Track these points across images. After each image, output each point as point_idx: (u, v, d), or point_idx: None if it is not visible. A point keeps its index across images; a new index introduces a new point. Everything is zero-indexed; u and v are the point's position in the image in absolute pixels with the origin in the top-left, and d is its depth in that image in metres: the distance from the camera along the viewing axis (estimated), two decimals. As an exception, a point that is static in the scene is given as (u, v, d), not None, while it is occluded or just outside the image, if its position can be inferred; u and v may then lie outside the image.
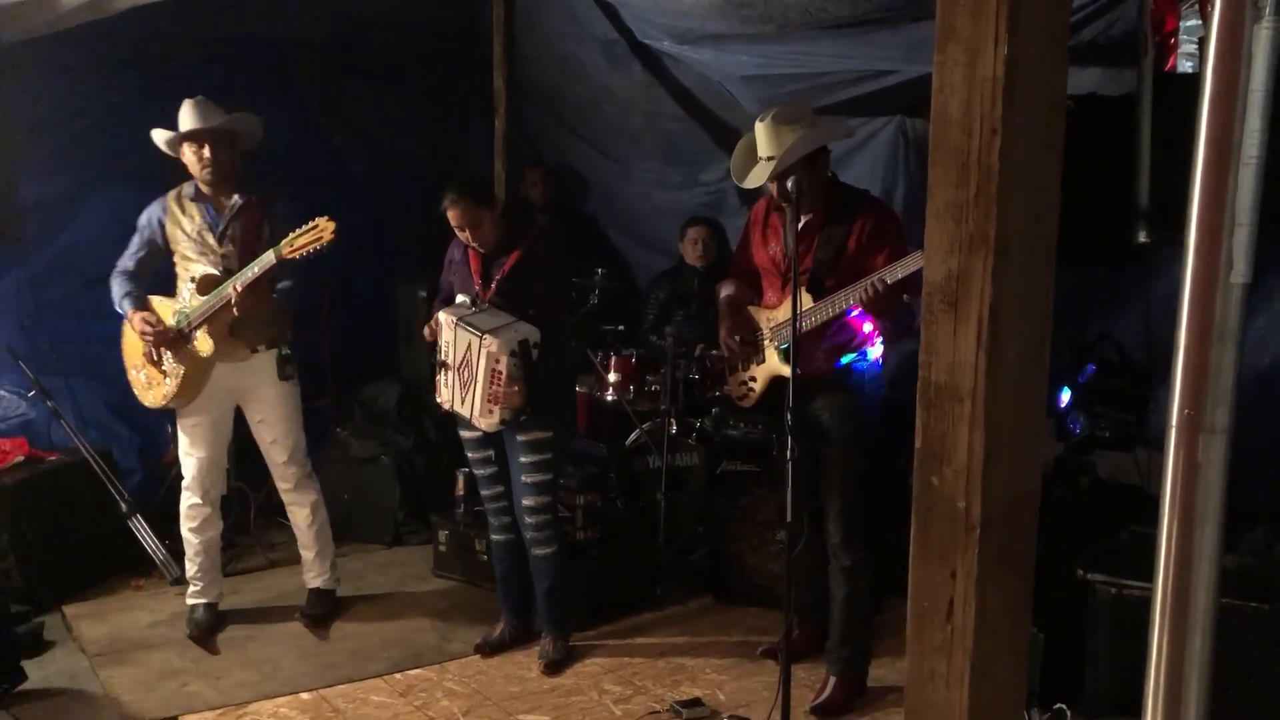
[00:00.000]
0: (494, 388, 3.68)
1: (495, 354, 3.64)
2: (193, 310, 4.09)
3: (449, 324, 3.87)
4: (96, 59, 5.23)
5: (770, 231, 3.72)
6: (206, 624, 4.31)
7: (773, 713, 3.14)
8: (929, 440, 2.00)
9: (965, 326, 1.92)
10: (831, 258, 3.53)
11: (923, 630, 2.06)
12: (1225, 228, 1.46)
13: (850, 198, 3.62)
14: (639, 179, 6.19)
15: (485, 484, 4.13)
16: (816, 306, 3.48)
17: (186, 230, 4.18)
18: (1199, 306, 1.49)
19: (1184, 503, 1.53)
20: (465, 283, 4.00)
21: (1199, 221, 1.49)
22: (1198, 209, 1.49)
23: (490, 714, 3.65)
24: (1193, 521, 1.53)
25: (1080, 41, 3.94)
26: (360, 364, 5.99)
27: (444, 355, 3.92)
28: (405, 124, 6.41)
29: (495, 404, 3.70)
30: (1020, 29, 1.82)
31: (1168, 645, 1.56)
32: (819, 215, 3.57)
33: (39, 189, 5.13)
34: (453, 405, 3.93)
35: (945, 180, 1.93)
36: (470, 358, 3.76)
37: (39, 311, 5.16)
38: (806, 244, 3.54)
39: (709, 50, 4.83)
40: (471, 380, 3.77)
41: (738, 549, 4.57)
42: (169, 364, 4.17)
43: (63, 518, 4.68)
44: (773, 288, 3.72)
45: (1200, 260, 1.49)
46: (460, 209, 3.85)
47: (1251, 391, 3.98)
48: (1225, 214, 1.46)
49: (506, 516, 4.10)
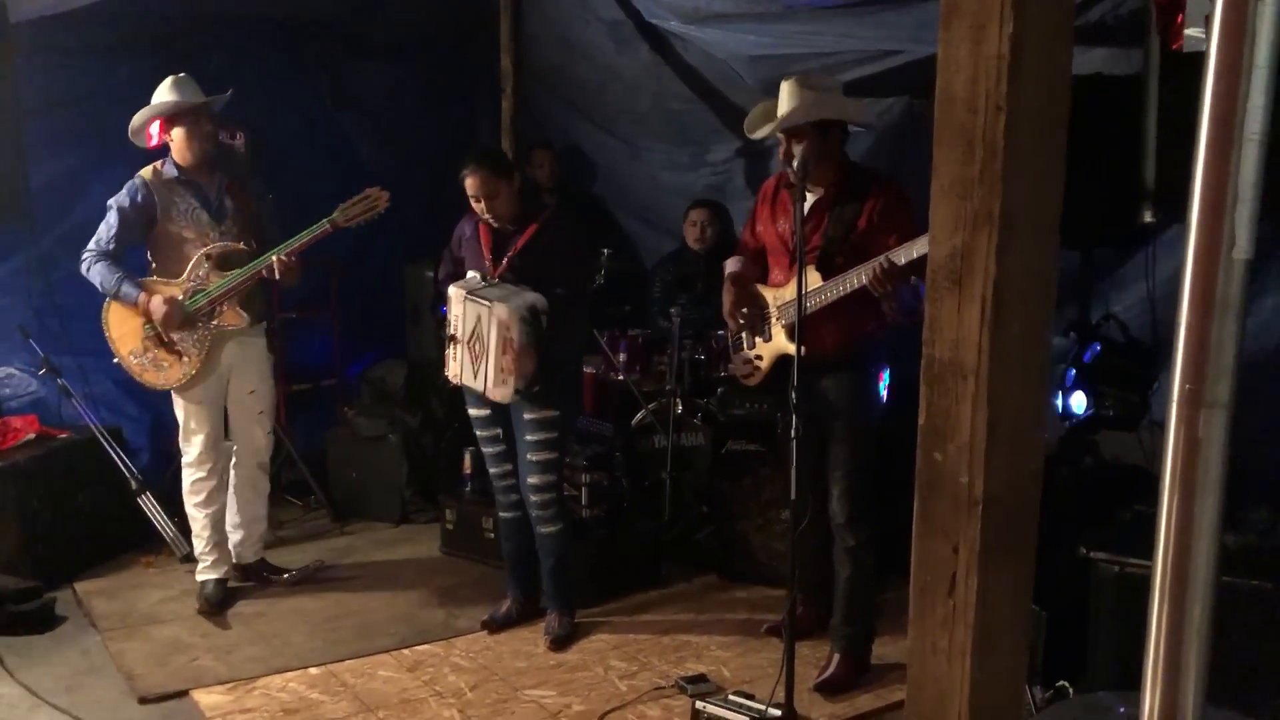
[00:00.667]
0: (507, 356, 3.68)
1: (505, 321, 3.64)
2: (215, 287, 4.13)
3: (458, 298, 3.87)
4: (105, 39, 5.24)
5: (779, 209, 3.72)
6: (217, 599, 4.35)
7: (776, 688, 3.16)
8: (932, 417, 2.02)
9: (969, 304, 1.94)
10: (841, 235, 3.52)
11: (925, 605, 2.08)
12: (1228, 203, 1.47)
13: (863, 177, 3.62)
14: (646, 160, 6.18)
15: (493, 462, 4.15)
16: (825, 285, 3.48)
17: (181, 210, 4.18)
18: (1201, 281, 1.50)
19: (1184, 477, 1.54)
20: (475, 258, 3.99)
21: (1201, 197, 1.49)
22: (1200, 185, 1.50)
23: (497, 689, 3.68)
24: (1193, 496, 1.55)
25: (1089, 21, 3.93)
26: (368, 344, 6.02)
27: (453, 329, 3.92)
28: (413, 104, 6.41)
29: (509, 374, 3.69)
30: (1026, 6, 1.83)
31: (1167, 619, 1.57)
32: (829, 193, 3.56)
33: (48, 169, 5.14)
34: (462, 379, 3.93)
35: (950, 158, 1.95)
36: (481, 330, 3.76)
37: (49, 291, 5.18)
38: (816, 221, 3.54)
39: (715, 30, 4.82)
40: (484, 352, 3.77)
41: (742, 528, 4.59)
42: (186, 343, 4.18)
43: (73, 495, 4.73)
44: (780, 265, 3.72)
45: (1202, 235, 1.50)
46: (479, 177, 3.83)
47: (1261, 371, 4.00)
48: (1228, 190, 1.47)
49: (514, 494, 4.12)
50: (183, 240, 4.18)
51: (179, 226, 4.18)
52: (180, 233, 4.18)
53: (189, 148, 4.16)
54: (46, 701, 3.58)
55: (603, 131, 6.23)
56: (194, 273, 4.17)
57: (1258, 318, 3.99)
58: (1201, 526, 1.56)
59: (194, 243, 4.18)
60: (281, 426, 5.56)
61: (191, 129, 4.14)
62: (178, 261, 4.19)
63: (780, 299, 3.69)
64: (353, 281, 6.04)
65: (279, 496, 5.61)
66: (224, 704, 3.58)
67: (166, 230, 4.18)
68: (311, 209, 4.53)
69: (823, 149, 3.48)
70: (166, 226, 4.18)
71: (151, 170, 4.20)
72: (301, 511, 5.59)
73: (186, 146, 4.16)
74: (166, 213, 4.17)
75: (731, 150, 5.78)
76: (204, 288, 4.15)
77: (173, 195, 4.18)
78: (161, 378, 4.24)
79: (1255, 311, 3.99)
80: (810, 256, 3.48)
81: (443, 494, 5.12)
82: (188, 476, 4.38)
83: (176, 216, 4.18)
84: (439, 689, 3.68)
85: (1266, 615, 2.90)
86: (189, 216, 4.19)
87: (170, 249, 4.20)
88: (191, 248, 4.17)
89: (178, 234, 4.18)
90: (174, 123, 4.17)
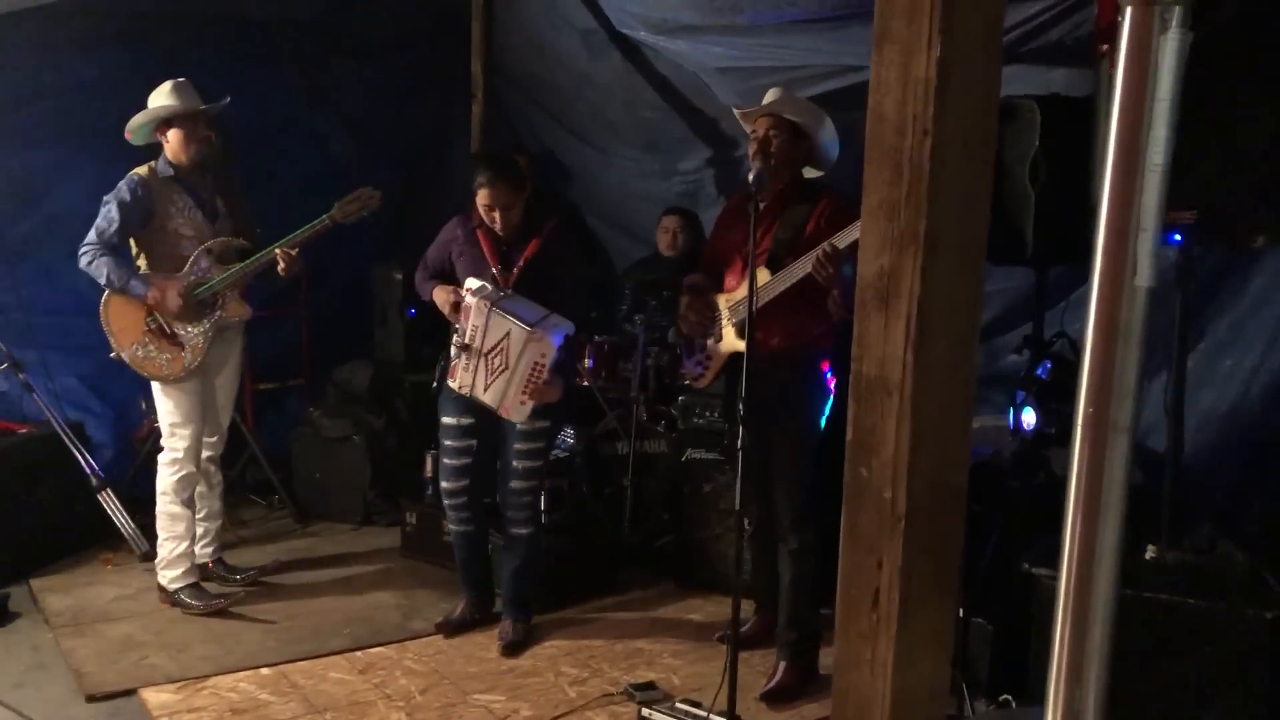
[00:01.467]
0: (534, 383, 3.69)
1: (544, 350, 3.65)
2: (218, 280, 4.22)
3: (480, 308, 3.78)
4: (79, 34, 5.25)
5: (736, 221, 3.79)
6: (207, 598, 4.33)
7: (718, 696, 3.19)
8: (859, 432, 2.06)
9: (895, 322, 1.97)
10: (790, 238, 3.62)
11: (850, 617, 2.11)
12: (1131, 231, 1.51)
13: (812, 185, 3.75)
14: (618, 167, 6.22)
15: (453, 475, 4.07)
16: (774, 280, 3.56)
17: (179, 207, 4.24)
18: (1105, 307, 1.54)
19: (1087, 498, 1.58)
20: (477, 266, 3.93)
21: (1107, 225, 1.53)
22: (1106, 213, 1.53)
23: (447, 693, 3.70)
24: (1096, 516, 1.58)
25: (1048, 41, 3.98)
26: (335, 344, 6.02)
27: (469, 339, 3.82)
28: (386, 105, 6.42)
29: (531, 397, 3.72)
30: (953, 32, 1.86)
31: (1070, 636, 1.61)
32: (779, 199, 3.68)
33: (18, 162, 5.15)
34: (473, 391, 3.85)
35: (879, 179, 1.98)
36: (506, 347, 3.72)
37: (13, 285, 5.18)
38: (766, 225, 3.63)
39: (683, 41, 4.85)
40: (505, 370, 3.73)
41: (700, 536, 4.62)
42: (190, 334, 4.22)
43: (32, 491, 4.71)
44: (733, 272, 3.81)
45: (1107, 262, 1.53)
46: (499, 190, 3.82)
47: (1215, 395, 4.05)
48: (1131, 219, 1.50)
49: (466, 511, 4.11)
50: (180, 237, 4.24)
51: (176, 224, 4.23)
52: (178, 230, 4.23)
53: (184, 150, 4.22)
54: (-7, 697, 3.58)
55: (575, 138, 6.26)
56: (195, 266, 4.22)
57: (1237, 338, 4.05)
58: (1103, 546, 1.59)
59: (191, 240, 4.24)
60: (247, 425, 5.57)
61: (188, 133, 4.21)
62: (172, 258, 4.23)
63: (731, 300, 3.78)
64: (322, 282, 6.04)
65: (242, 495, 5.64)
66: (172, 703, 3.58)
67: (163, 227, 4.22)
68: (283, 208, 4.57)
69: (790, 152, 3.64)
70: (164, 224, 4.22)
71: (147, 169, 4.24)
72: (265, 511, 5.59)
73: (182, 149, 4.22)
74: (164, 210, 4.21)
75: (702, 159, 5.82)
76: (206, 280, 4.22)
77: (169, 193, 4.23)
78: (163, 369, 4.25)
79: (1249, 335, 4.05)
80: (760, 258, 3.55)
81: (404, 497, 5.13)
82: (172, 473, 4.31)
83: (174, 214, 4.23)
84: (389, 692, 3.69)
85: (1204, 633, 2.93)
86: (185, 214, 4.25)
87: (165, 246, 4.24)
88: (189, 245, 4.23)
89: (174, 231, 4.23)
90: (170, 125, 4.22)
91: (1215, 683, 2.88)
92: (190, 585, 4.35)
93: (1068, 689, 1.62)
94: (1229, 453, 4.00)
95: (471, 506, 4.11)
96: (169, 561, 4.34)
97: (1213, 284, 3.95)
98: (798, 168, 3.74)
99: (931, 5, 1.84)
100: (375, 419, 5.54)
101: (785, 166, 3.66)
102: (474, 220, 3.99)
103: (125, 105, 4.30)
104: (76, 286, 4.56)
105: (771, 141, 3.62)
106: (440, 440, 4.13)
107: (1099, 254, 1.55)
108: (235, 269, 4.24)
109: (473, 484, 4.08)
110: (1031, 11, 3.86)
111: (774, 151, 3.61)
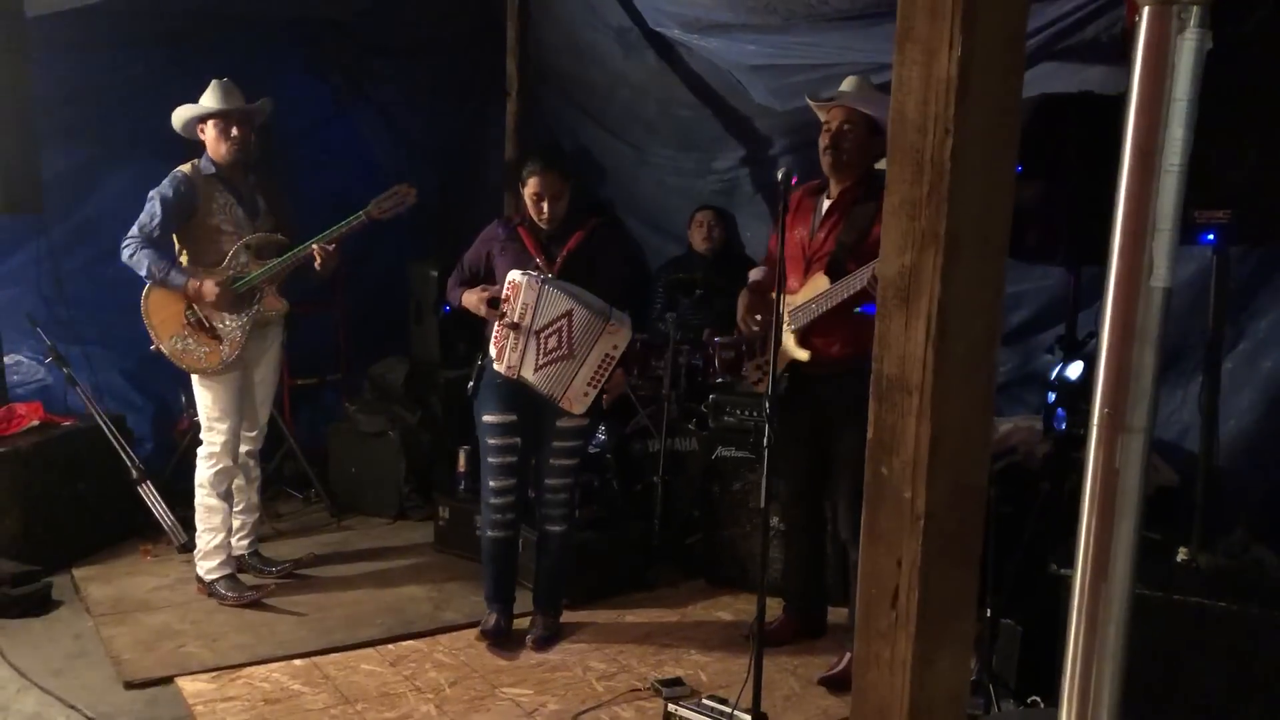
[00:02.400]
0: (603, 374, 3.67)
1: (618, 343, 3.63)
2: (256, 274, 4.30)
3: (531, 285, 3.70)
4: (120, 34, 5.35)
5: (801, 215, 3.73)
6: (242, 589, 4.40)
7: (743, 691, 3.20)
8: (880, 431, 2.06)
9: (915, 321, 1.97)
10: (855, 240, 3.54)
11: (869, 617, 2.12)
12: (1147, 232, 1.50)
13: (880, 183, 3.66)
14: (653, 165, 6.23)
15: (498, 474, 3.95)
16: (832, 289, 3.50)
17: (220, 204, 4.33)
18: (1121, 309, 1.53)
19: (1103, 500, 1.57)
20: (519, 259, 3.90)
21: (1123, 226, 1.52)
22: (1122, 213, 1.53)
23: (475, 685, 3.74)
24: (1111, 518, 1.57)
25: (1083, 39, 3.95)
26: (371, 341, 6.09)
27: (519, 317, 3.73)
28: (425, 105, 6.49)
29: (596, 389, 3.70)
30: (976, 31, 1.86)
31: (1083, 639, 1.60)
32: (848, 194, 3.59)
33: (61, 161, 5.25)
34: (520, 371, 3.77)
35: (901, 178, 1.98)
36: (565, 328, 3.66)
37: (58, 281, 5.30)
38: (831, 224, 3.57)
39: (716, 39, 4.86)
40: (568, 358, 3.68)
41: (731, 534, 4.63)
42: (228, 327, 4.30)
43: (74, 482, 4.82)
44: (795, 272, 3.70)
45: (1123, 263, 1.52)
46: (549, 178, 3.83)
47: (1254, 397, 3.99)
48: (1148, 219, 1.50)
49: (510, 514, 4.02)
50: (220, 233, 4.33)
51: (217, 220, 4.33)
52: (219, 225, 4.32)
53: (219, 147, 4.32)
54: (35, 684, 3.66)
55: (610, 135, 6.28)
56: (234, 260, 4.31)
57: (1253, 340, 3.99)
58: (1118, 548, 1.58)
59: (231, 235, 4.33)
60: (284, 420, 5.65)
61: (221, 130, 4.30)
62: (212, 253, 4.32)
63: (792, 305, 3.69)
64: (359, 279, 6.11)
65: (279, 489, 5.72)
66: (207, 691, 3.64)
67: (204, 223, 4.31)
68: (322, 206, 4.63)
69: (867, 145, 3.55)
70: (205, 220, 4.31)
71: (190, 166, 4.34)
72: (301, 504, 5.67)
73: (216, 146, 4.33)
74: (206, 206, 4.31)
75: (737, 158, 5.82)
76: (244, 274, 4.31)
77: (211, 190, 4.33)
78: (202, 362, 4.33)
79: (1252, 333, 4.00)
80: (821, 261, 3.51)
81: (438, 492, 5.18)
82: (209, 466, 4.39)
83: (216, 210, 4.32)
84: (419, 684, 3.74)
85: (1234, 637, 2.90)
86: (226, 211, 4.34)
87: (206, 241, 4.32)
88: (228, 240, 4.32)
89: (215, 227, 4.32)
90: (206, 121, 4.33)
91: (1245, 686, 2.85)
92: (226, 576, 4.42)
93: (1081, 690, 1.61)
94: (1266, 455, 3.94)
95: (516, 508, 4.03)
96: (206, 553, 4.42)
97: (1252, 285, 3.90)
98: (871, 162, 3.63)
99: (953, 4, 1.84)
100: (410, 415, 5.61)
101: (856, 163, 3.56)
102: (515, 218, 4.01)
103: (166, 105, 4.40)
104: (118, 283, 4.65)
105: (846, 135, 3.52)
106: (482, 440, 4.00)
107: (1115, 255, 1.54)
108: (273, 264, 4.32)
109: (519, 483, 4.01)
110: (1066, 9, 3.83)
111: (847, 147, 3.50)
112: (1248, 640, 2.84)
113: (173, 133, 4.39)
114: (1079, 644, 1.62)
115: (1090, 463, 1.60)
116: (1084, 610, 1.61)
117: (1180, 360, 3.87)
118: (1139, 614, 1.63)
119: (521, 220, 4.00)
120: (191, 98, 4.35)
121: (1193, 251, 3.38)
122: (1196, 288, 3.62)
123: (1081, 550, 1.62)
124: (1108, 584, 1.59)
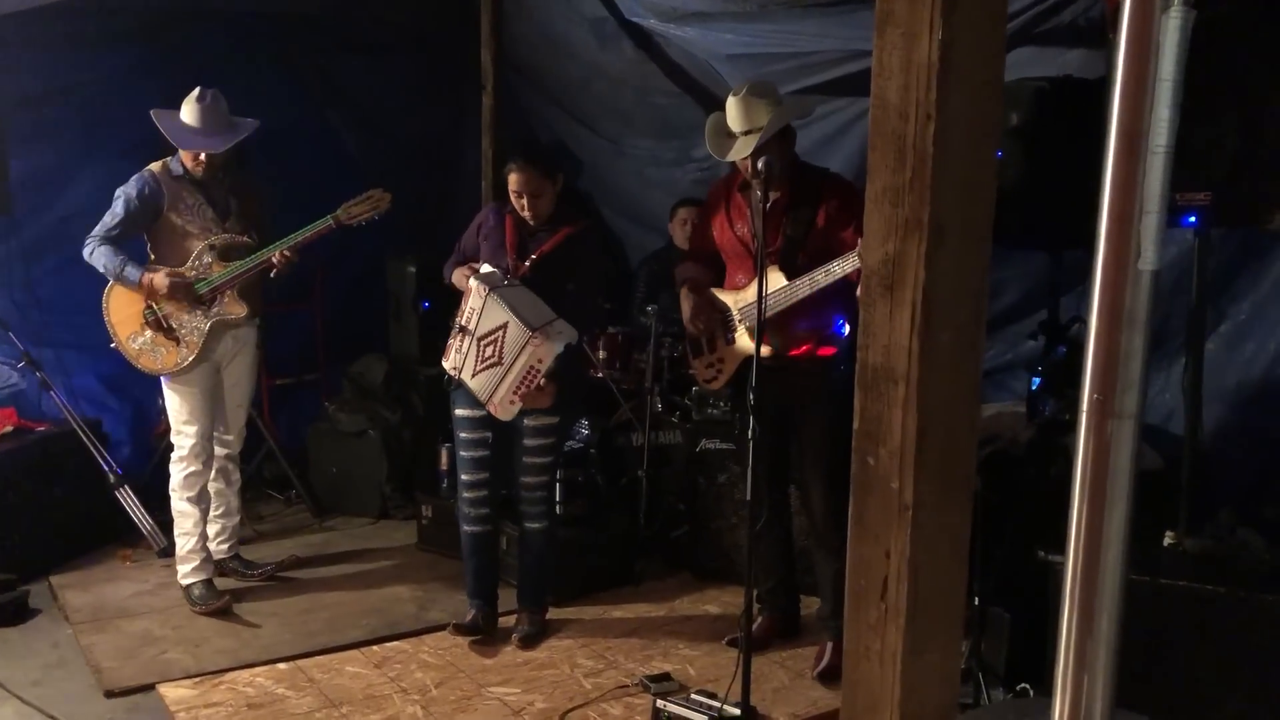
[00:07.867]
0: (526, 386, 3.66)
1: (542, 356, 3.62)
2: (217, 277, 4.22)
3: (479, 292, 3.73)
4: (90, 33, 5.25)
5: (736, 212, 3.73)
6: (213, 597, 4.32)
7: (732, 686, 3.18)
8: (866, 421, 2.04)
9: (900, 310, 1.95)
10: (801, 235, 3.56)
11: (859, 608, 2.10)
12: (1135, 215, 1.48)
13: (814, 176, 3.69)
14: (631, 157, 6.18)
15: (471, 467, 4.01)
16: (791, 285, 3.50)
17: (189, 204, 4.25)
18: (1109, 292, 1.51)
19: (1093, 485, 1.56)
20: (496, 251, 3.92)
21: (1109, 209, 1.51)
22: (1109, 196, 1.51)
23: (462, 686, 3.70)
24: (1102, 503, 1.56)
25: (1060, 23, 3.94)
26: (350, 339, 6.03)
27: (466, 321, 3.78)
28: (399, 100, 6.41)
29: (522, 400, 3.69)
30: (956, 14, 1.83)
31: (1076, 624, 1.59)
32: (786, 195, 3.60)
33: (31, 162, 5.15)
34: (461, 374, 3.82)
35: (883, 164, 1.95)
36: (500, 339, 3.67)
37: (30, 284, 5.22)
38: (775, 223, 3.56)
39: (693, 29, 4.82)
40: (499, 365, 3.69)
41: (716, 527, 4.61)
42: (186, 329, 4.23)
43: (51, 488, 4.75)
44: (742, 269, 3.73)
45: (1110, 247, 1.51)
46: (526, 175, 3.81)
47: (1237, 379, 4.00)
48: (1135, 202, 1.48)
49: (484, 508, 4.04)
50: (186, 234, 4.25)
51: (184, 220, 4.25)
52: (185, 226, 4.25)
53: (188, 162, 4.26)
54: (14, 694, 3.60)
55: (586, 129, 6.23)
56: (197, 261, 4.23)
57: (1233, 325, 4.00)
58: (1110, 534, 1.57)
59: (197, 237, 4.25)
60: (264, 421, 5.59)
61: (191, 154, 4.23)
62: (179, 254, 4.25)
63: (742, 301, 3.69)
64: (336, 276, 6.05)
65: (259, 491, 5.66)
66: (189, 698, 3.59)
67: (171, 223, 4.24)
68: (297, 203, 4.56)
69: (783, 152, 3.54)
70: (171, 219, 4.24)
71: (161, 165, 4.28)
72: (282, 506, 5.61)
73: (186, 159, 4.26)
74: (174, 206, 4.23)
75: (715, 147, 5.77)
76: (207, 276, 4.23)
77: (180, 190, 4.25)
78: (158, 362, 4.27)
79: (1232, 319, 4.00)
80: (772, 258, 3.50)
81: (419, 490, 5.14)
82: (180, 470, 4.35)
83: (183, 210, 4.25)
84: (404, 685, 3.70)
85: (1222, 620, 2.90)
86: (195, 211, 4.26)
87: (173, 241, 4.25)
88: (195, 241, 4.25)
89: (182, 228, 4.25)
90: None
91: (1233, 670, 2.84)
92: (201, 582, 4.37)
93: (1075, 677, 1.60)
94: (1250, 438, 3.95)
95: (490, 502, 4.05)
96: (181, 557, 4.39)
97: (1234, 267, 3.90)
98: (793, 157, 3.66)
99: (933, -12, 1.82)
100: (390, 413, 5.56)
101: (785, 173, 3.56)
102: (507, 207, 3.98)
103: (136, 104, 4.33)
104: (91, 284, 4.57)
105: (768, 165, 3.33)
106: (455, 434, 4.07)
107: (1102, 238, 1.52)
108: (232, 267, 4.23)
109: (492, 477, 4.02)
110: (1044, -8, 3.82)
111: (774, 173, 3.35)
112: (1235, 623, 2.83)
113: (144, 133, 4.29)
114: (1072, 632, 1.61)
115: (1080, 449, 1.59)
116: (1076, 598, 1.60)
117: (1163, 343, 3.87)
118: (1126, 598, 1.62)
119: (512, 210, 3.97)
120: (162, 96, 4.26)
121: (1174, 234, 3.37)
122: (1178, 270, 3.63)
123: (1072, 538, 1.60)
124: (1100, 571, 1.57)
